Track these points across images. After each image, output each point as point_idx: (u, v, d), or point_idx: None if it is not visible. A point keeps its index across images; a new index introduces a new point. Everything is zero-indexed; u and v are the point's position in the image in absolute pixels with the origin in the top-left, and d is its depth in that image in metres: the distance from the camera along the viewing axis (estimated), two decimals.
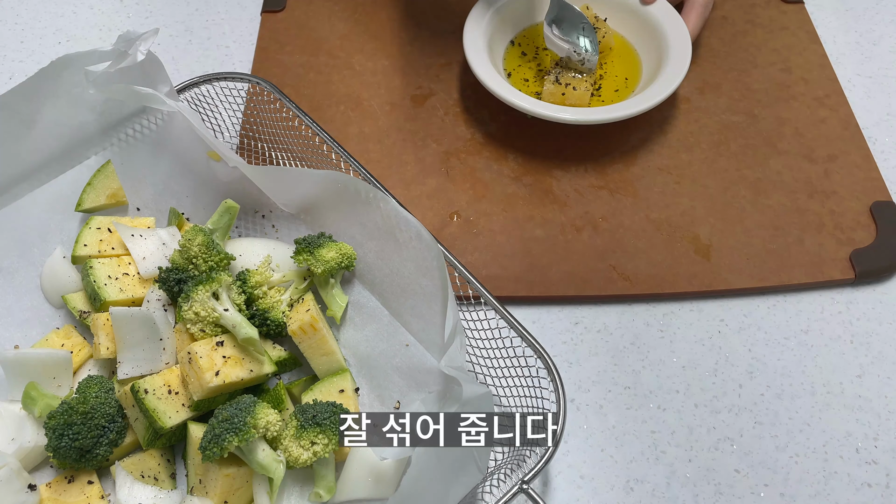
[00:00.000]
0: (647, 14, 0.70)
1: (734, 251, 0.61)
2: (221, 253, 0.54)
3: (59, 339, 0.55)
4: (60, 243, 0.60)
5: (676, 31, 0.68)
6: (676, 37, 0.68)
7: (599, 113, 0.63)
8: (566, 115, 0.63)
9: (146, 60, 0.57)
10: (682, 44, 0.67)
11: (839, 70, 0.74)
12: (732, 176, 0.66)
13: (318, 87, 0.73)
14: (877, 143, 0.69)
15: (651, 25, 0.70)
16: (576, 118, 0.63)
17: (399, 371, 0.54)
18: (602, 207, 0.64)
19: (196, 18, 0.82)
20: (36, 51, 0.79)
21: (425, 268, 0.52)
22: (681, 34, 0.68)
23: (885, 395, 0.55)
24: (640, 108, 0.63)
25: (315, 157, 0.61)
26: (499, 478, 0.47)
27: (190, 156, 0.62)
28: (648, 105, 0.63)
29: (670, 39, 0.67)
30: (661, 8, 0.70)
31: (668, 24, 0.69)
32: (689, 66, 0.65)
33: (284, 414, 0.51)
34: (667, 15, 0.69)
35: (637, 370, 0.56)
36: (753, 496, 0.51)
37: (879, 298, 0.60)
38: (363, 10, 0.80)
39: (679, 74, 0.64)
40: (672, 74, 0.65)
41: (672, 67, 0.65)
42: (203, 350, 0.50)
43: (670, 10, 0.69)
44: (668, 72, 0.65)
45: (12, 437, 0.50)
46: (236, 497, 0.48)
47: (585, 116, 0.63)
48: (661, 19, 0.69)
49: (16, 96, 0.57)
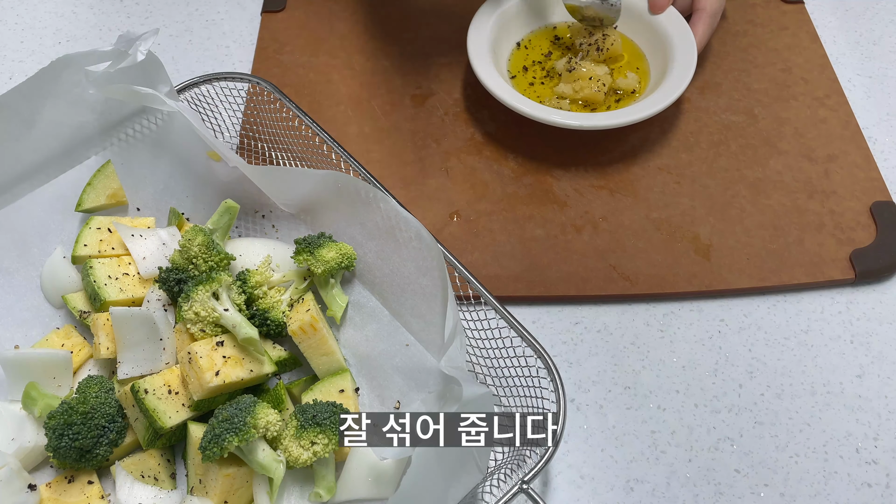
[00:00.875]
0: (656, 22, 0.70)
1: (734, 251, 0.61)
2: (221, 253, 0.54)
3: (59, 339, 0.55)
4: (60, 243, 0.59)
5: (683, 39, 0.68)
6: (683, 45, 0.68)
7: (601, 119, 0.63)
8: (568, 120, 0.63)
9: (146, 60, 0.57)
10: (687, 52, 0.67)
11: (839, 70, 0.74)
12: (732, 176, 0.66)
13: (318, 87, 0.73)
14: (877, 143, 0.69)
15: (659, 33, 0.70)
16: (579, 123, 0.63)
17: (399, 371, 0.54)
18: (602, 207, 0.64)
19: (196, 18, 0.82)
20: (36, 51, 0.79)
21: (425, 268, 0.52)
22: (688, 43, 0.68)
23: (885, 395, 0.55)
24: (641, 114, 0.63)
25: (315, 157, 0.61)
26: (499, 478, 0.47)
27: (190, 156, 0.62)
28: (650, 112, 0.63)
29: (676, 47, 0.68)
30: (669, 16, 0.70)
31: (675, 33, 0.69)
32: (693, 75, 0.65)
33: (284, 414, 0.51)
34: (675, 24, 0.69)
35: (637, 370, 0.56)
36: (753, 496, 0.51)
37: (879, 298, 0.60)
38: (363, 10, 0.80)
39: (683, 82, 0.64)
40: (676, 82, 0.65)
41: (676, 75, 0.65)
42: (203, 350, 0.50)
43: (679, 20, 0.70)
44: (673, 79, 0.65)
45: (12, 437, 0.50)
46: (236, 497, 0.48)
47: (587, 122, 0.63)
48: (668, 28, 0.69)
49: (16, 96, 0.57)
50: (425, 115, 0.71)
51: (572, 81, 0.67)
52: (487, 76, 0.66)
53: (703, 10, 0.70)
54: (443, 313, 0.49)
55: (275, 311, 0.54)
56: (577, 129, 0.63)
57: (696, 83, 0.72)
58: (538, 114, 0.63)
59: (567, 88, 0.67)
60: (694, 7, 0.71)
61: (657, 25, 0.70)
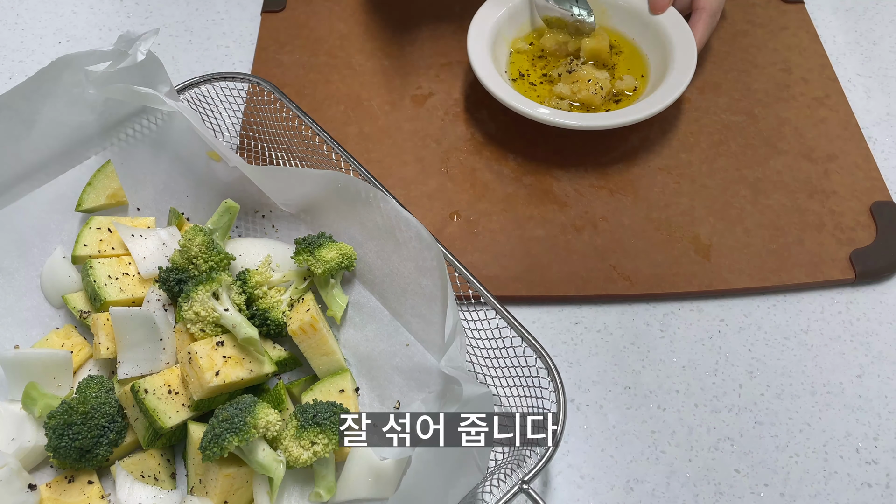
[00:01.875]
0: (656, 22, 0.70)
1: (734, 251, 0.61)
2: (221, 253, 0.54)
3: (59, 339, 0.55)
4: (60, 243, 0.59)
5: (683, 39, 0.68)
6: (683, 45, 0.68)
7: (600, 119, 0.63)
8: (567, 120, 0.63)
9: (146, 60, 0.57)
10: (687, 52, 0.67)
11: (839, 70, 0.74)
12: (732, 176, 0.66)
13: (318, 87, 0.73)
14: (877, 143, 0.69)
15: (659, 33, 0.70)
16: (578, 124, 0.63)
17: (399, 371, 0.54)
18: (602, 207, 0.64)
19: (196, 18, 0.82)
20: (36, 51, 0.79)
21: (425, 268, 0.52)
22: (688, 43, 0.68)
23: (885, 395, 0.55)
24: (640, 115, 0.63)
25: (315, 157, 0.61)
26: (499, 478, 0.47)
27: (190, 156, 0.62)
28: (649, 112, 0.63)
29: (676, 47, 0.68)
30: (669, 16, 0.70)
31: (675, 33, 0.69)
32: (692, 75, 0.65)
33: (284, 414, 0.51)
34: (675, 24, 0.69)
35: (637, 370, 0.56)
36: (753, 496, 0.51)
37: (879, 298, 0.60)
38: (363, 10, 0.80)
39: (683, 82, 0.64)
40: (676, 82, 0.65)
41: (676, 75, 0.65)
42: (203, 350, 0.50)
43: (679, 20, 0.70)
44: (672, 79, 0.65)
45: (12, 437, 0.50)
46: (236, 497, 0.48)
47: (587, 123, 0.63)
48: (668, 28, 0.69)
49: (16, 96, 0.57)
50: (425, 115, 0.71)
51: (571, 83, 0.67)
52: (487, 76, 0.66)
53: (703, 9, 0.70)
54: (443, 313, 0.49)
55: (275, 311, 0.54)
56: (576, 129, 0.63)
57: (696, 83, 0.72)
58: (538, 114, 0.63)
59: (565, 89, 0.67)
60: (693, 7, 0.71)
61: (657, 25, 0.70)
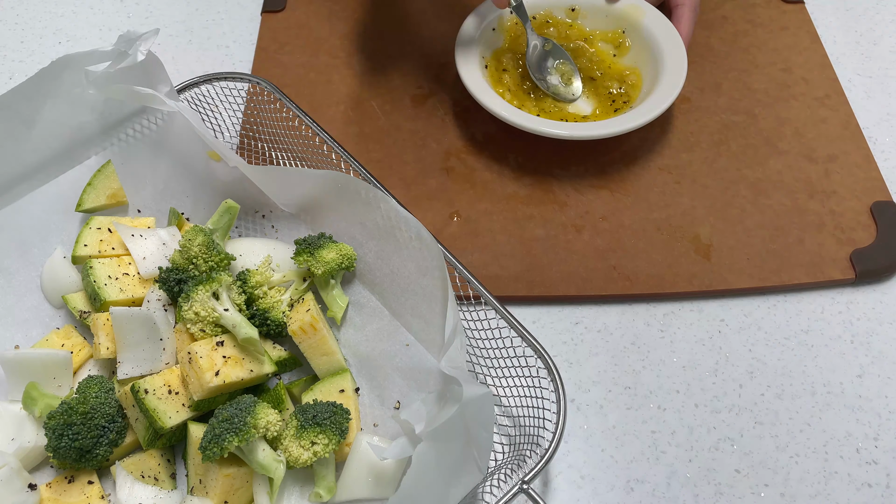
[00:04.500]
0: (641, 27, 0.69)
1: (734, 251, 0.61)
2: (221, 253, 0.54)
3: (59, 339, 0.55)
4: (60, 243, 0.60)
5: (670, 41, 0.67)
6: (671, 48, 0.67)
7: (595, 128, 0.62)
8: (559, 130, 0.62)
9: (146, 60, 0.57)
10: (677, 55, 0.66)
11: (839, 70, 0.74)
12: (732, 176, 0.66)
13: (318, 87, 0.73)
14: (877, 143, 0.69)
15: (645, 38, 0.69)
16: (570, 133, 0.62)
17: (399, 371, 0.54)
18: (602, 207, 0.64)
19: (196, 18, 0.82)
20: (36, 51, 0.79)
21: (425, 268, 0.52)
22: (675, 44, 0.67)
23: (885, 395, 0.55)
24: (635, 123, 0.62)
25: (315, 157, 0.61)
26: (499, 478, 0.47)
27: (190, 156, 0.62)
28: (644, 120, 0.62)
29: (665, 51, 0.67)
30: (653, 18, 0.69)
31: (661, 36, 0.68)
32: (685, 77, 0.64)
33: (284, 414, 0.51)
34: (659, 26, 0.68)
35: (637, 370, 0.56)
36: (753, 496, 0.51)
37: (879, 298, 0.60)
38: (363, 10, 0.80)
39: (676, 86, 0.64)
40: (669, 86, 0.64)
41: (668, 79, 0.65)
42: (203, 350, 0.50)
43: (662, 20, 0.69)
44: (665, 83, 0.64)
45: (12, 437, 0.50)
46: (236, 497, 0.48)
47: (580, 132, 0.62)
48: (654, 31, 0.68)
49: (16, 96, 0.57)
50: (425, 115, 0.71)
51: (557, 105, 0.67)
52: (479, 90, 0.64)
53: (683, 4, 0.69)
54: (443, 313, 0.49)
55: (275, 311, 0.54)
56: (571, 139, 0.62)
57: (696, 83, 0.72)
58: (528, 124, 0.62)
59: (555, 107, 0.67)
60: (673, 2, 0.70)
61: (643, 30, 0.69)
